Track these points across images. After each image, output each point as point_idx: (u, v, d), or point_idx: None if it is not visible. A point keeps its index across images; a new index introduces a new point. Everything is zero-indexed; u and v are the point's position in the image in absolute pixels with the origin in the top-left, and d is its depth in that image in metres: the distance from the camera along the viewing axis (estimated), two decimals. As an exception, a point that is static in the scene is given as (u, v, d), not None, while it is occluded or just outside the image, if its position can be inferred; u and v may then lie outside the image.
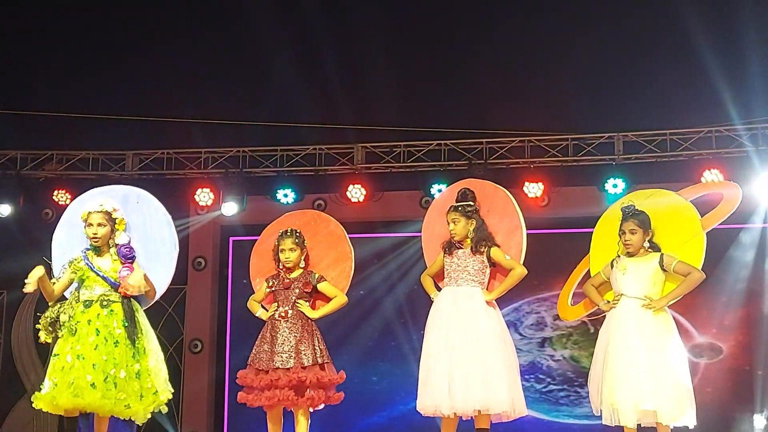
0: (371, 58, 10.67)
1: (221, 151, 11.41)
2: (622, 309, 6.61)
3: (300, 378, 6.78)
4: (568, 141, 10.89)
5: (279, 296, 7.03)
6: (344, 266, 7.19)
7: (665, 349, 6.52)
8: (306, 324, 6.97)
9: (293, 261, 7.04)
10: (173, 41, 11.22)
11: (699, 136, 10.61)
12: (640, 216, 6.69)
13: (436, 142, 11.08)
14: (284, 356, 6.84)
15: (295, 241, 7.05)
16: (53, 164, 11.61)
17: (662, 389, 6.42)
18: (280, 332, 6.93)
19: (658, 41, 10.56)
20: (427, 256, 7.12)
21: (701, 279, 6.64)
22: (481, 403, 6.46)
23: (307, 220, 7.34)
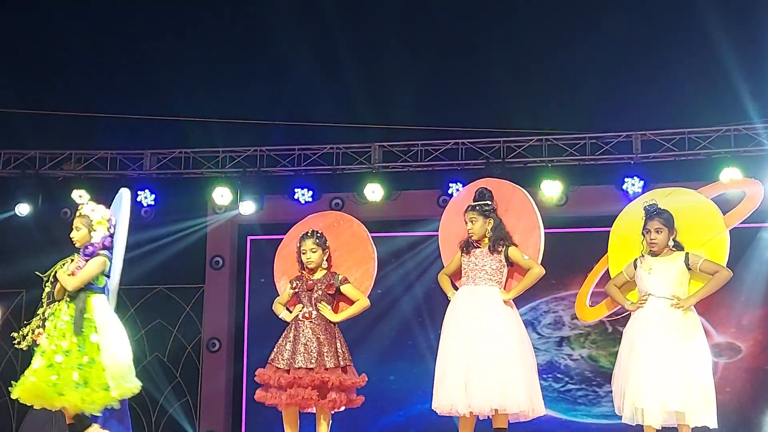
0: (389, 58, 10.68)
1: (239, 150, 11.43)
2: (650, 309, 6.56)
3: (323, 379, 6.75)
4: (586, 140, 10.87)
5: (302, 297, 7.02)
6: (367, 267, 7.19)
7: (693, 349, 6.48)
8: (329, 326, 6.94)
9: (315, 262, 7.03)
10: (192, 41, 11.25)
11: (718, 134, 10.57)
12: (664, 214, 6.64)
13: (454, 141, 11.07)
14: (307, 356, 6.81)
15: (316, 242, 7.04)
16: (72, 164, 11.66)
17: (689, 390, 6.38)
18: (303, 332, 6.90)
19: (676, 40, 10.52)
20: (445, 255, 7.11)
21: (729, 277, 6.60)
22: (498, 403, 6.44)
23: (330, 221, 7.34)
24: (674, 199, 6.86)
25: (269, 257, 11.54)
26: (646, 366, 6.44)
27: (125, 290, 11.44)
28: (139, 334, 11.76)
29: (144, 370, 11.70)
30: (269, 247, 11.28)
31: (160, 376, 11.72)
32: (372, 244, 7.24)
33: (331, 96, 10.67)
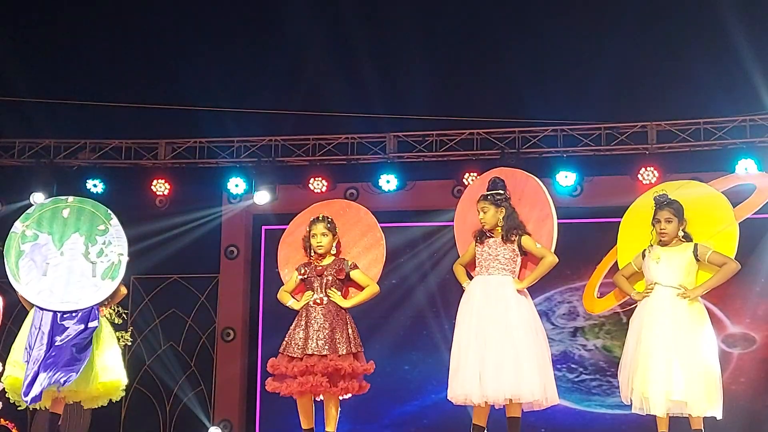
0: (404, 48, 10.66)
1: (254, 140, 11.43)
2: (656, 298, 6.59)
3: (336, 366, 6.71)
4: (601, 130, 10.85)
5: (312, 283, 6.95)
6: (376, 253, 7.13)
7: (698, 339, 6.50)
8: (340, 312, 6.90)
9: (325, 246, 6.97)
10: (207, 30, 11.26)
11: (733, 125, 10.54)
12: (674, 205, 6.67)
13: (469, 131, 11.06)
14: (320, 343, 6.76)
15: (327, 227, 7.00)
16: (86, 153, 11.68)
17: (693, 380, 6.40)
18: (315, 319, 6.85)
19: (692, 30, 10.47)
20: (460, 245, 7.11)
21: (736, 269, 6.61)
22: (512, 392, 6.45)
23: (337, 209, 7.27)
24: (684, 192, 6.87)
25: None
26: (651, 355, 6.47)
27: (140, 280, 11.58)
28: (154, 323, 11.82)
29: (159, 359, 11.78)
30: (284, 237, 11.35)
31: (174, 365, 11.76)
32: (380, 230, 7.19)
33: (346, 85, 10.67)
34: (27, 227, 7.10)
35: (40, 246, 7.05)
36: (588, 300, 7.41)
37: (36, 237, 7.06)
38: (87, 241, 7.05)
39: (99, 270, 7.01)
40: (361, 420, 10.96)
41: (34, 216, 7.14)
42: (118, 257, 7.07)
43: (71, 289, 6.95)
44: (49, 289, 6.94)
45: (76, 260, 7.01)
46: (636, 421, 6.99)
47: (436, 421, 10.72)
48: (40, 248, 7.05)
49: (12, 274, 7.01)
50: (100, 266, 7.03)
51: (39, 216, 7.14)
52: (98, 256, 7.05)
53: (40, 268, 7.00)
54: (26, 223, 7.13)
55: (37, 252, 7.03)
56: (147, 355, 11.63)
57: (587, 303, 7.44)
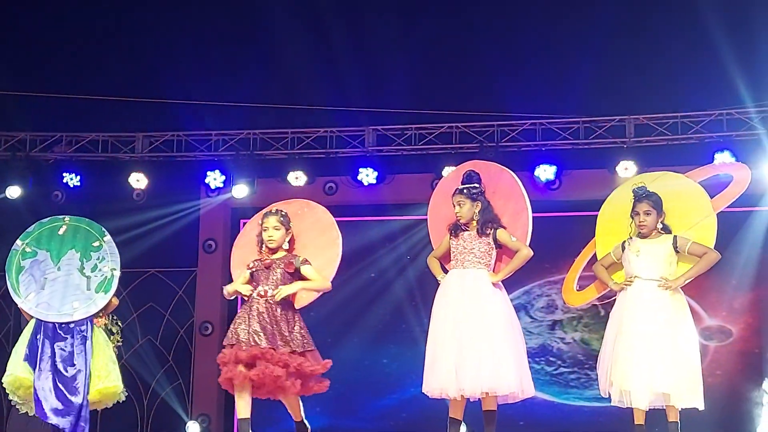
0: (383, 41, 10.64)
1: (232, 133, 11.40)
2: (636, 291, 6.60)
3: (285, 361, 6.48)
4: (580, 124, 10.88)
5: (260, 276, 6.70)
6: (331, 253, 6.97)
7: (680, 331, 6.52)
8: (286, 307, 6.68)
9: (277, 240, 6.74)
10: (185, 23, 11.20)
11: (710, 119, 10.59)
12: (653, 197, 6.68)
13: (448, 125, 11.07)
14: (263, 337, 6.50)
15: (280, 220, 6.78)
16: (63, 146, 11.62)
17: (676, 372, 6.42)
18: (259, 312, 6.60)
19: (669, 24, 10.52)
20: (434, 238, 7.10)
21: (717, 259, 6.64)
22: (488, 385, 6.46)
23: (295, 209, 7.06)
24: (662, 183, 6.89)
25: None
26: (633, 348, 6.48)
27: (117, 274, 11.49)
28: (131, 317, 11.76)
29: (136, 353, 11.73)
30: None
31: (152, 359, 11.72)
32: (337, 230, 7.04)
33: (324, 79, 10.65)
34: (27, 245, 7.62)
35: (39, 262, 7.57)
36: (567, 293, 7.41)
37: (35, 254, 7.59)
38: (82, 257, 7.57)
39: (93, 284, 7.53)
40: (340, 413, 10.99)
41: (33, 234, 7.65)
42: (111, 272, 7.57)
43: (67, 301, 7.46)
44: (47, 302, 7.45)
45: (72, 275, 7.53)
46: (614, 414, 7.02)
47: (414, 414, 10.72)
48: (38, 264, 7.56)
49: (13, 289, 7.55)
50: (94, 280, 7.54)
51: (38, 234, 7.66)
52: (92, 271, 7.55)
53: (39, 283, 7.51)
54: (26, 240, 7.64)
55: (36, 267, 7.55)
56: (124, 350, 11.56)
57: (567, 296, 7.44)
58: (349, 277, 11.33)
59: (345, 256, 11.24)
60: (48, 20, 11.33)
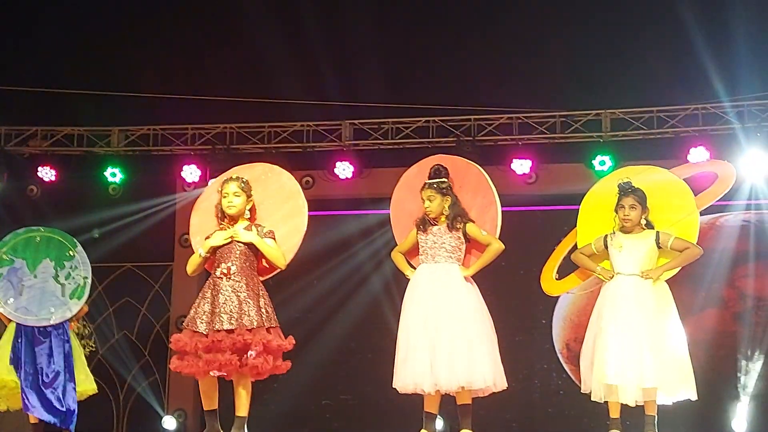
0: (359, 35, 10.63)
1: (208, 127, 11.36)
2: (618, 285, 6.60)
3: (245, 341, 6.22)
4: (556, 118, 10.90)
5: (221, 251, 6.40)
6: (297, 221, 6.71)
7: (664, 324, 6.51)
8: (251, 283, 6.41)
9: (237, 207, 6.44)
10: (161, 17, 11.16)
11: (686, 113, 10.63)
12: (638, 192, 6.67)
13: (425, 119, 11.06)
14: (225, 317, 6.24)
15: (241, 186, 6.49)
16: (38, 140, 11.55)
17: (664, 366, 6.41)
18: (222, 291, 6.31)
19: (645, 18, 10.57)
20: (398, 233, 7.05)
21: (699, 254, 6.64)
22: (464, 380, 6.46)
23: (258, 173, 6.76)
24: (646, 177, 6.87)
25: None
26: (617, 343, 6.46)
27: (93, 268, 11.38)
28: (107, 312, 11.72)
29: (112, 348, 11.69)
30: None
31: (128, 354, 11.68)
32: (303, 198, 6.78)
33: (301, 73, 10.63)
34: (4, 253, 7.94)
35: (16, 269, 7.92)
36: (546, 281, 7.39)
37: (12, 261, 7.93)
38: (56, 265, 7.97)
39: (67, 291, 7.97)
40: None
41: (9, 243, 7.98)
42: (83, 280, 8.02)
43: (44, 306, 7.88)
44: (26, 306, 7.86)
45: (48, 282, 7.94)
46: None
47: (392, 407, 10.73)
48: (16, 271, 7.92)
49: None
50: (68, 287, 7.98)
51: (14, 243, 8.00)
52: (66, 278, 7.97)
53: (17, 289, 7.88)
54: (3, 249, 7.97)
55: (13, 274, 7.90)
56: (100, 344, 11.50)
57: (545, 284, 7.41)
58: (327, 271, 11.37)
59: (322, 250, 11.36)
60: (22, 14, 11.26)
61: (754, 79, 10.26)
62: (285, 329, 11.51)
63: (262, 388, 11.16)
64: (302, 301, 11.35)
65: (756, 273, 10.88)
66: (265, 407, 11.17)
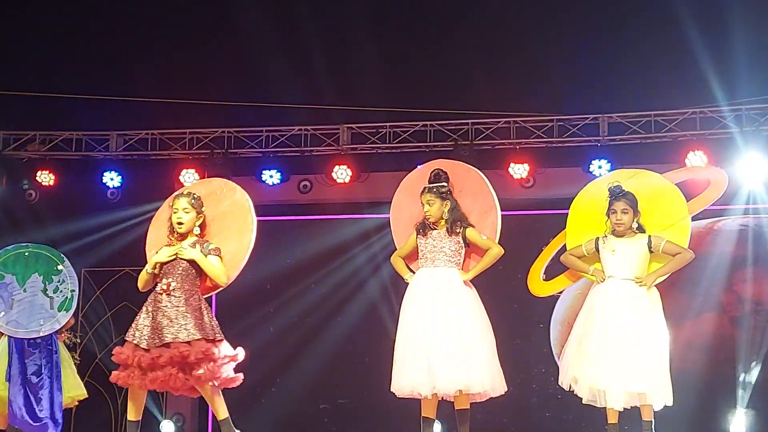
0: (357, 39, 10.62)
1: (206, 131, 11.36)
2: (609, 289, 6.61)
3: (182, 353, 6.25)
4: (554, 122, 10.90)
5: (165, 267, 6.46)
6: (244, 239, 6.70)
7: (654, 330, 6.53)
8: (191, 299, 6.44)
9: (186, 224, 6.51)
10: (158, 21, 11.16)
11: (683, 117, 10.63)
12: (629, 196, 6.70)
13: (422, 123, 11.07)
14: (164, 332, 6.31)
15: (191, 202, 6.55)
16: (36, 145, 11.55)
17: (652, 371, 6.43)
18: (161, 307, 6.37)
19: (643, 22, 10.56)
20: (397, 237, 7.10)
21: (690, 258, 6.67)
22: (463, 384, 6.48)
23: (213, 189, 6.86)
24: (638, 181, 6.90)
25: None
26: (606, 347, 6.48)
27: (91, 272, 11.46)
28: (106, 316, 11.70)
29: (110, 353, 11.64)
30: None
31: (126, 358, 11.64)
32: (253, 216, 6.79)
33: (299, 77, 10.63)
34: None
35: (6, 284, 8.26)
36: (533, 282, 7.40)
37: (2, 277, 8.27)
38: (45, 279, 8.29)
39: (56, 303, 8.27)
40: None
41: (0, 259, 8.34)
42: (70, 293, 8.29)
43: (34, 319, 8.22)
44: (16, 320, 8.21)
45: (37, 296, 8.28)
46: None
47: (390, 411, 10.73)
48: (6, 286, 8.26)
49: None
50: (56, 300, 8.28)
51: (4, 259, 8.34)
52: (54, 292, 8.28)
53: (7, 303, 8.22)
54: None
55: (3, 289, 8.25)
56: (98, 349, 11.51)
57: (532, 285, 7.42)
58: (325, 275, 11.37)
59: (320, 254, 11.35)
60: (20, 19, 11.26)
61: (752, 83, 10.25)
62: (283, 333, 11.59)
63: (260, 391, 11.31)
64: (300, 305, 11.35)
65: (754, 277, 10.86)
66: (262, 411, 11.20)
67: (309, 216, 11.66)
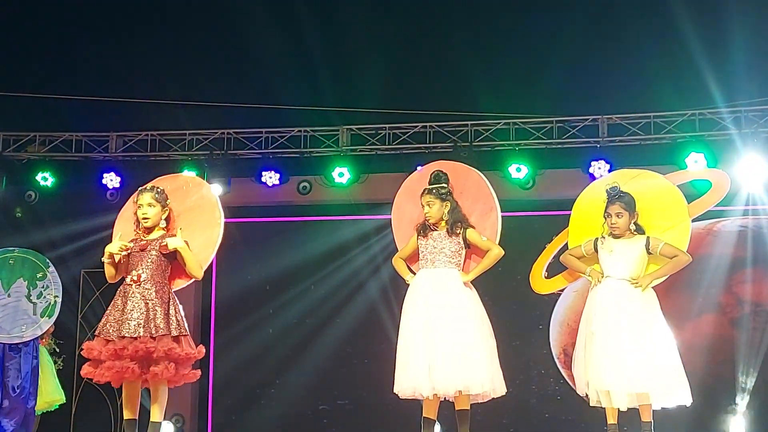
0: (357, 40, 10.64)
1: (206, 132, 11.36)
2: (608, 290, 6.61)
3: (148, 349, 6.25)
4: (553, 123, 10.91)
5: (134, 259, 6.46)
6: (211, 234, 6.72)
7: (652, 329, 6.53)
8: (161, 291, 6.44)
9: (151, 219, 6.53)
10: (158, 22, 11.16)
11: (683, 118, 10.64)
12: (625, 198, 6.69)
13: (422, 125, 11.07)
14: (133, 324, 6.28)
15: (155, 197, 6.56)
16: (36, 146, 11.55)
17: (654, 371, 6.43)
18: (130, 298, 6.37)
19: (642, 24, 10.57)
20: (398, 238, 7.10)
21: (688, 261, 6.67)
22: (462, 384, 6.48)
23: (179, 184, 6.89)
24: (640, 182, 6.89)
25: (236, 240, 11.55)
26: (607, 348, 6.48)
27: (90, 273, 11.46)
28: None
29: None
30: (237, 231, 11.30)
31: (126, 359, 11.64)
32: (220, 210, 6.81)
33: (299, 79, 10.64)
34: None
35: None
36: (535, 279, 7.42)
37: None
38: (29, 285, 8.33)
39: (39, 309, 8.31)
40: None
41: None
42: (54, 299, 8.33)
43: (17, 325, 8.26)
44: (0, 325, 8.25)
45: (21, 301, 8.30)
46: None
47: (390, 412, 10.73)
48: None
49: None
50: (40, 306, 8.32)
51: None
52: (38, 297, 8.33)
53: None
54: None
55: None
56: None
57: (534, 282, 7.44)
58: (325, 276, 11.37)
59: (319, 255, 11.37)
60: (20, 20, 11.26)
61: (751, 85, 10.27)
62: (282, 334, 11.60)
63: (259, 392, 11.32)
64: (299, 307, 11.36)
65: (753, 278, 10.86)
66: (262, 412, 11.21)
67: (308, 217, 11.67)
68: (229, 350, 11.46)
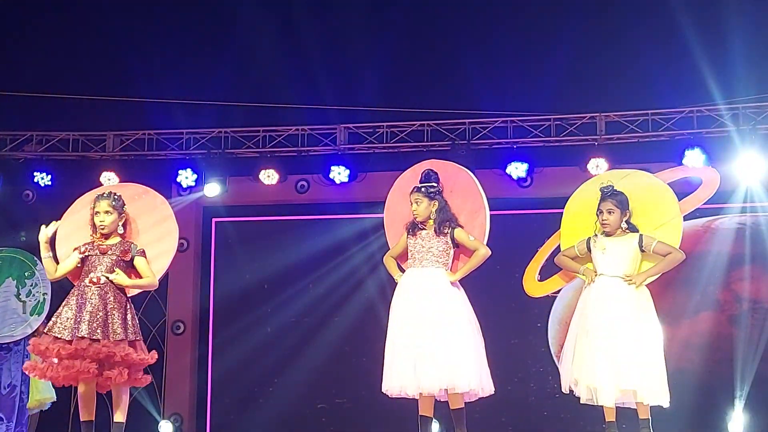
0: (354, 39, 10.64)
1: (203, 131, 11.35)
2: (601, 287, 6.63)
3: (109, 353, 6.38)
4: (551, 121, 10.90)
5: (92, 262, 6.59)
6: (166, 245, 6.87)
7: (645, 328, 6.56)
8: (118, 295, 6.57)
9: (108, 226, 6.64)
10: (155, 20, 11.15)
11: (681, 116, 10.63)
12: (618, 196, 6.72)
13: (419, 123, 11.07)
14: (93, 326, 6.38)
15: (112, 204, 6.67)
16: (33, 145, 11.53)
17: (643, 368, 6.45)
18: (89, 300, 6.47)
19: (640, 21, 10.57)
20: (390, 237, 7.14)
21: (681, 259, 6.69)
22: (447, 382, 6.50)
23: (132, 193, 7.00)
24: (631, 181, 6.95)
25: (234, 239, 11.56)
26: (598, 345, 6.51)
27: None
28: (104, 316, 11.68)
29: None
30: (234, 230, 11.31)
31: (124, 359, 11.63)
32: (175, 223, 6.95)
33: (296, 77, 10.63)
34: None
35: None
36: (529, 282, 7.43)
37: None
38: (18, 284, 8.49)
39: (28, 308, 8.44)
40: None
41: None
42: (42, 296, 8.44)
43: (6, 324, 8.39)
44: None
45: (10, 300, 8.45)
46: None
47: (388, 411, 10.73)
48: None
49: None
50: (29, 304, 8.46)
51: None
52: (27, 296, 8.49)
53: None
54: None
55: None
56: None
57: (528, 285, 7.45)
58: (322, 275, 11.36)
59: (317, 254, 11.36)
60: (17, 19, 11.25)
61: (748, 82, 10.26)
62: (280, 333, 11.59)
63: (257, 391, 11.31)
64: (297, 305, 11.36)
65: (751, 276, 10.86)
66: (260, 411, 11.21)
67: (306, 216, 11.66)
68: (227, 349, 11.46)
